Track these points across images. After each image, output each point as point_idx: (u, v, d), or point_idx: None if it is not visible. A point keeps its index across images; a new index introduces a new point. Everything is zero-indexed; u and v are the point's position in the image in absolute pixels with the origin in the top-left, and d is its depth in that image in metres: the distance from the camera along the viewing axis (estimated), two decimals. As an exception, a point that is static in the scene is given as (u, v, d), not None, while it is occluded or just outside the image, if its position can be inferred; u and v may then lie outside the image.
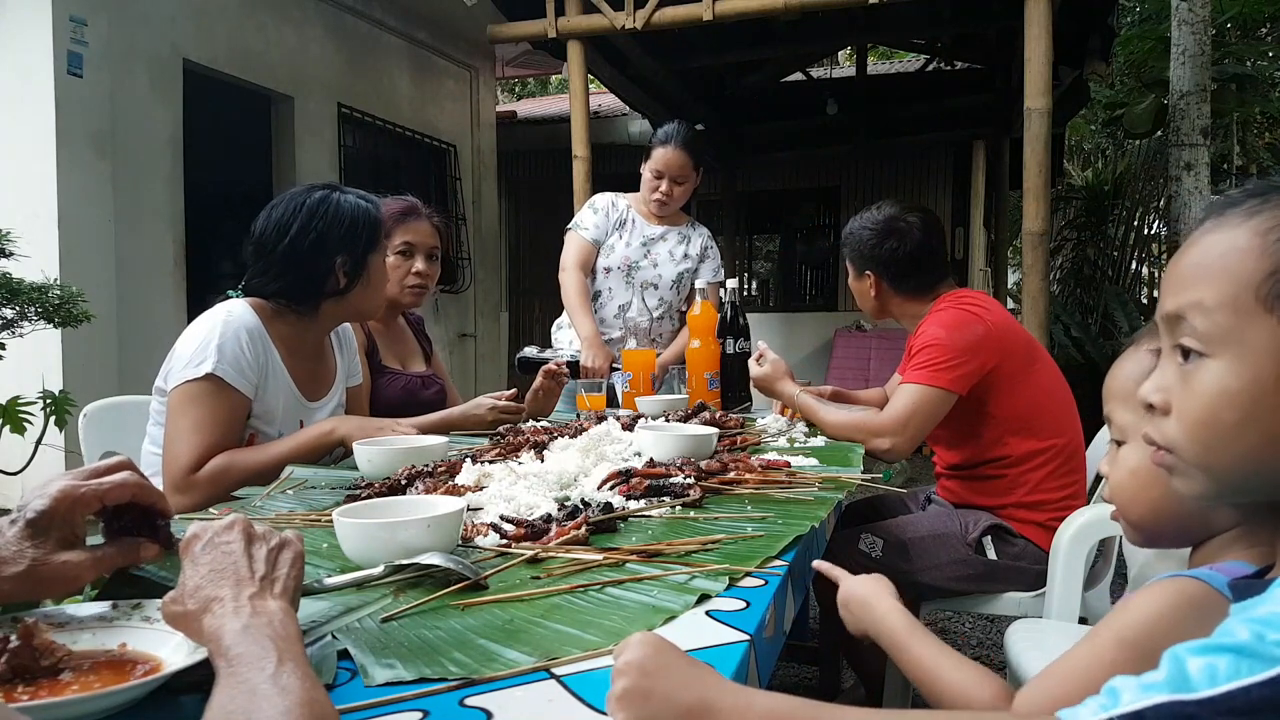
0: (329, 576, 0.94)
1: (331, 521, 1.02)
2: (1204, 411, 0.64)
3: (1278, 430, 0.61)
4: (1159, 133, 6.90)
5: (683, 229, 2.95)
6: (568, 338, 2.91)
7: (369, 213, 1.82)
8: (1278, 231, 0.62)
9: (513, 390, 2.15)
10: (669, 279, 2.88)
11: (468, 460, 1.44)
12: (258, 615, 0.64)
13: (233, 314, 1.70)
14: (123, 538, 0.83)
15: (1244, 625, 0.51)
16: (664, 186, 2.79)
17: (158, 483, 1.66)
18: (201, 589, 0.68)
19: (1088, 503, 2.02)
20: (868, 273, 2.17)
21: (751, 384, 2.33)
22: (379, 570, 0.93)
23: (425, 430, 1.87)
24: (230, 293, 1.82)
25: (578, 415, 2.22)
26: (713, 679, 0.64)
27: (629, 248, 2.86)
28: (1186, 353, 0.65)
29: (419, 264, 2.24)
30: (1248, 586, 0.61)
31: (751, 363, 2.29)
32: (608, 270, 2.86)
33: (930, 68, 8.12)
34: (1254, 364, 0.61)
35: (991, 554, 2.00)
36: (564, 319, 2.95)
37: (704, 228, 3.04)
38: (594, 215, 2.89)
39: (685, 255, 2.91)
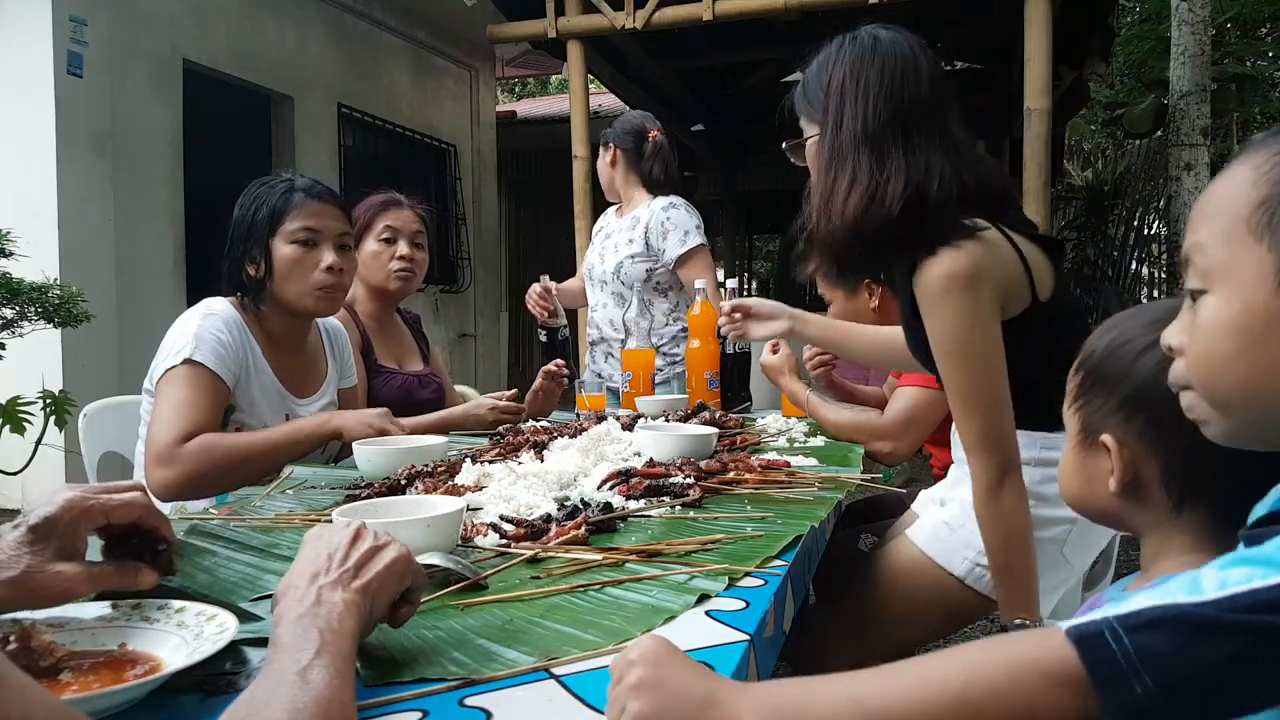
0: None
1: (331, 522, 1.01)
2: (1203, 345, 0.65)
3: (1266, 359, 0.61)
4: (1159, 133, 6.91)
5: (637, 212, 2.83)
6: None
7: (261, 198, 1.78)
8: (1272, 162, 0.62)
9: (513, 390, 2.15)
10: (609, 270, 2.81)
11: (468, 460, 1.44)
12: (319, 605, 0.64)
13: (212, 308, 1.73)
14: (123, 560, 0.83)
15: (1271, 544, 0.52)
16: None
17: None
18: (289, 577, 0.69)
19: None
20: (866, 282, 2.17)
21: (760, 371, 2.32)
22: (379, 570, 0.93)
23: (425, 430, 1.87)
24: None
25: (578, 415, 2.22)
26: (723, 680, 0.66)
27: (593, 252, 2.94)
28: (1195, 295, 0.66)
29: (403, 248, 2.23)
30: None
31: (766, 348, 2.28)
32: (582, 280, 2.97)
33: (930, 68, 8.10)
34: (1244, 293, 0.62)
35: (992, 554, 2.00)
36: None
37: (661, 199, 2.80)
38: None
39: (630, 240, 2.80)
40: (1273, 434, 0.66)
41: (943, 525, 1.55)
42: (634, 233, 2.81)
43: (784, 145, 1.54)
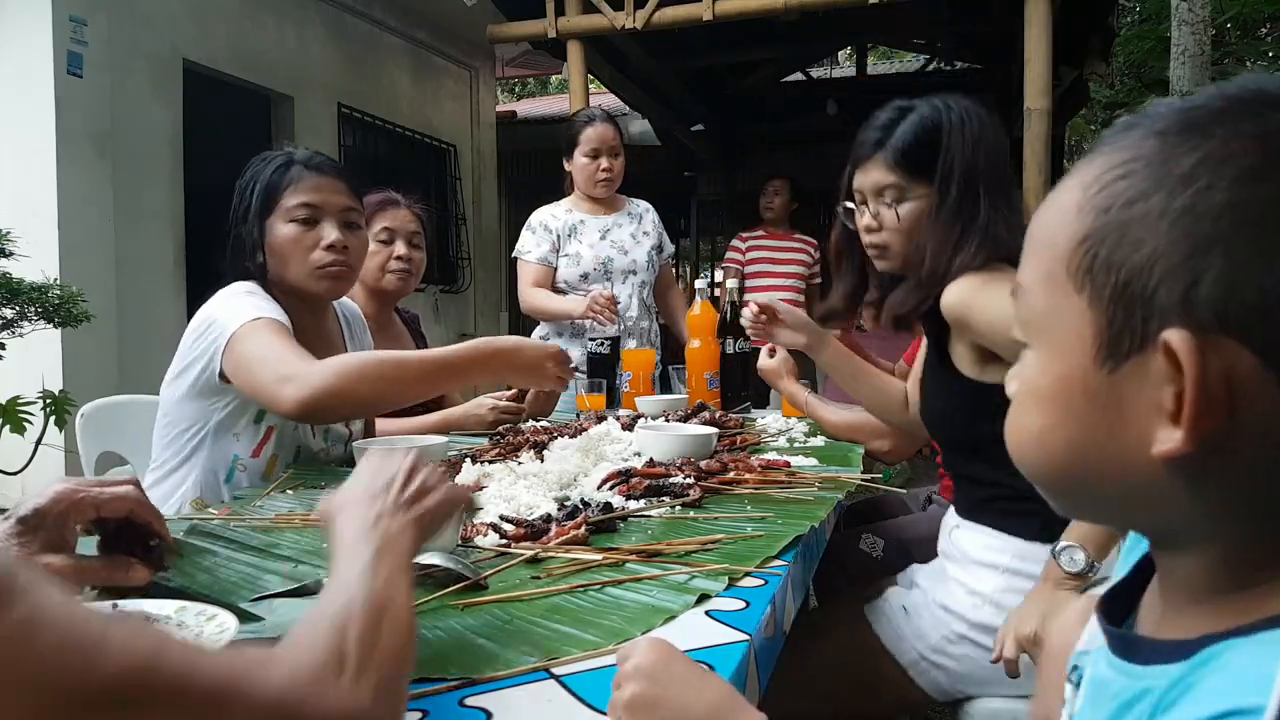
0: (329, 577, 0.93)
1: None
2: (1016, 411, 0.53)
3: (1085, 441, 0.48)
4: (1159, 133, 6.90)
5: (629, 209, 2.94)
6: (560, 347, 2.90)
7: (258, 175, 1.65)
8: (1101, 182, 0.47)
9: (513, 390, 2.15)
10: (643, 261, 2.87)
11: (468, 460, 1.44)
12: (376, 527, 0.68)
13: (249, 288, 1.62)
14: (115, 555, 0.82)
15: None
16: (604, 163, 2.80)
17: (168, 487, 1.63)
18: (345, 495, 0.73)
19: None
20: None
21: (758, 373, 2.32)
22: (379, 570, 0.93)
23: (425, 430, 1.87)
24: None
25: (578, 415, 2.22)
26: (727, 692, 0.64)
27: (593, 247, 2.84)
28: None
29: (400, 249, 2.21)
30: (1154, 648, 0.48)
31: (764, 352, 2.28)
32: (585, 276, 2.82)
33: (930, 68, 8.12)
34: (1062, 357, 0.48)
35: (992, 554, 2.00)
36: (544, 330, 2.94)
37: (642, 200, 3.01)
38: (532, 236, 2.88)
39: (645, 233, 2.92)
40: (1098, 516, 0.57)
41: (900, 609, 1.50)
42: (645, 226, 2.92)
43: (844, 207, 1.58)
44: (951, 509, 1.63)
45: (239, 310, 1.52)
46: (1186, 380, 0.42)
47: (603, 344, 2.48)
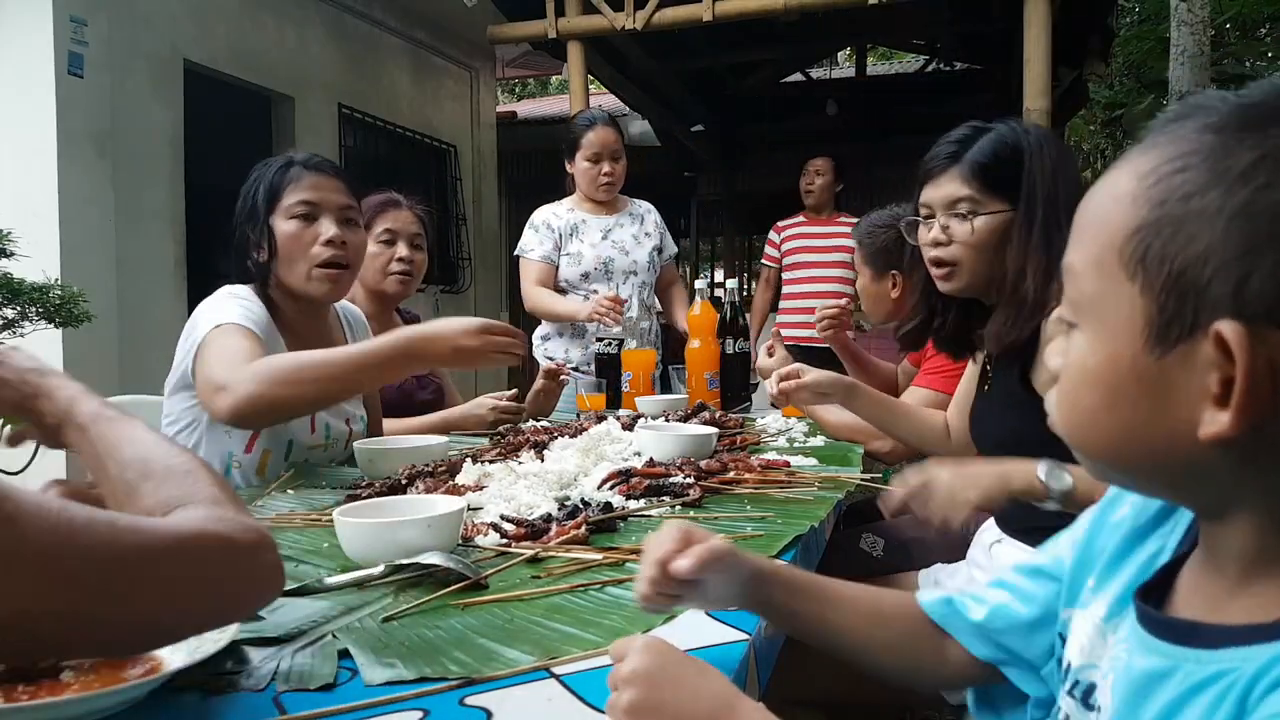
0: (329, 576, 0.94)
1: (332, 521, 1.02)
2: (1067, 390, 0.55)
3: (1135, 421, 0.51)
4: (1159, 133, 6.91)
5: (631, 210, 2.96)
6: (561, 348, 2.89)
7: (260, 177, 1.69)
8: (1158, 174, 0.49)
9: (513, 390, 2.15)
10: (644, 261, 2.89)
11: (468, 460, 1.44)
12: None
13: (235, 291, 1.65)
14: None
15: None
16: (606, 167, 2.80)
17: None
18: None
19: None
20: (892, 272, 2.18)
21: (757, 373, 2.32)
22: (379, 570, 0.94)
23: (425, 430, 1.87)
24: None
25: (578, 415, 2.22)
26: (725, 688, 0.63)
27: (595, 247, 2.84)
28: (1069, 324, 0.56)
29: (402, 250, 2.22)
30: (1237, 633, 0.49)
31: (762, 351, 2.28)
32: (585, 275, 2.83)
33: (930, 68, 8.12)
34: (1112, 340, 0.51)
35: (992, 554, 2.00)
36: (546, 329, 2.94)
37: (644, 201, 3.02)
38: (535, 234, 2.88)
39: (646, 234, 2.93)
40: (1145, 489, 0.58)
41: None
42: (647, 226, 2.93)
43: (906, 221, 1.54)
44: (991, 522, 1.59)
45: (213, 314, 1.57)
46: (1237, 368, 0.45)
47: (611, 344, 2.49)
